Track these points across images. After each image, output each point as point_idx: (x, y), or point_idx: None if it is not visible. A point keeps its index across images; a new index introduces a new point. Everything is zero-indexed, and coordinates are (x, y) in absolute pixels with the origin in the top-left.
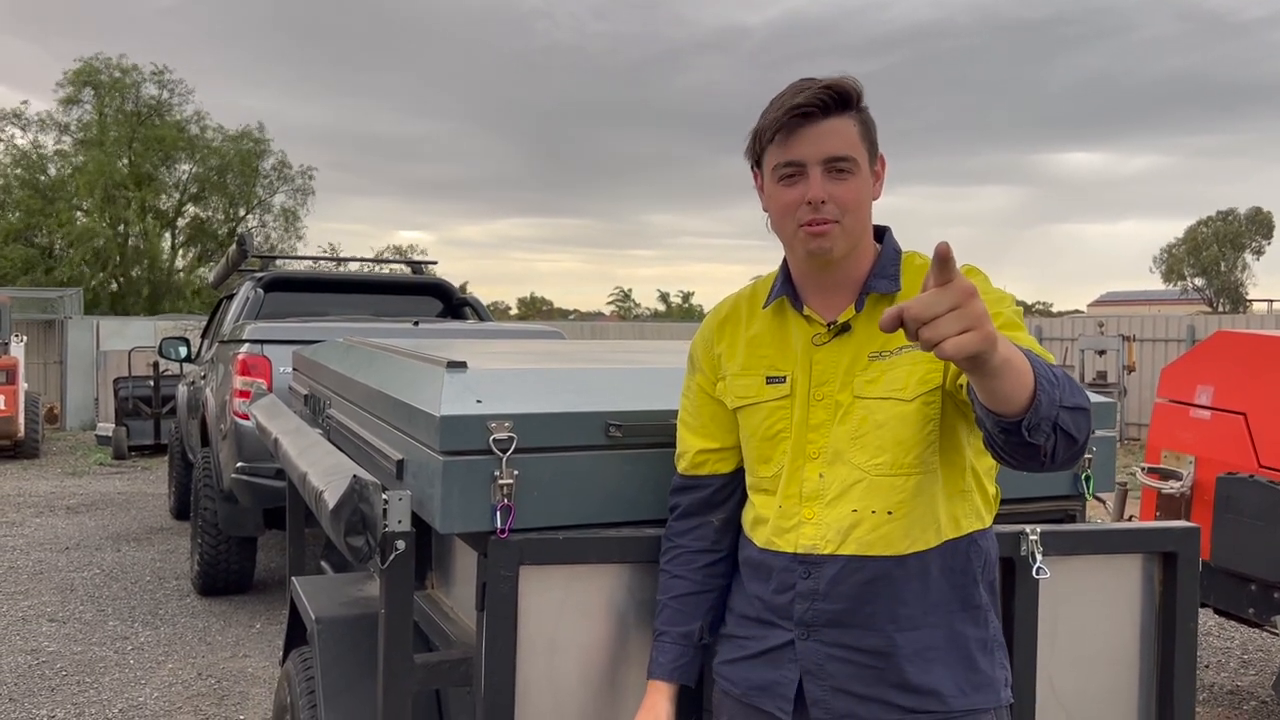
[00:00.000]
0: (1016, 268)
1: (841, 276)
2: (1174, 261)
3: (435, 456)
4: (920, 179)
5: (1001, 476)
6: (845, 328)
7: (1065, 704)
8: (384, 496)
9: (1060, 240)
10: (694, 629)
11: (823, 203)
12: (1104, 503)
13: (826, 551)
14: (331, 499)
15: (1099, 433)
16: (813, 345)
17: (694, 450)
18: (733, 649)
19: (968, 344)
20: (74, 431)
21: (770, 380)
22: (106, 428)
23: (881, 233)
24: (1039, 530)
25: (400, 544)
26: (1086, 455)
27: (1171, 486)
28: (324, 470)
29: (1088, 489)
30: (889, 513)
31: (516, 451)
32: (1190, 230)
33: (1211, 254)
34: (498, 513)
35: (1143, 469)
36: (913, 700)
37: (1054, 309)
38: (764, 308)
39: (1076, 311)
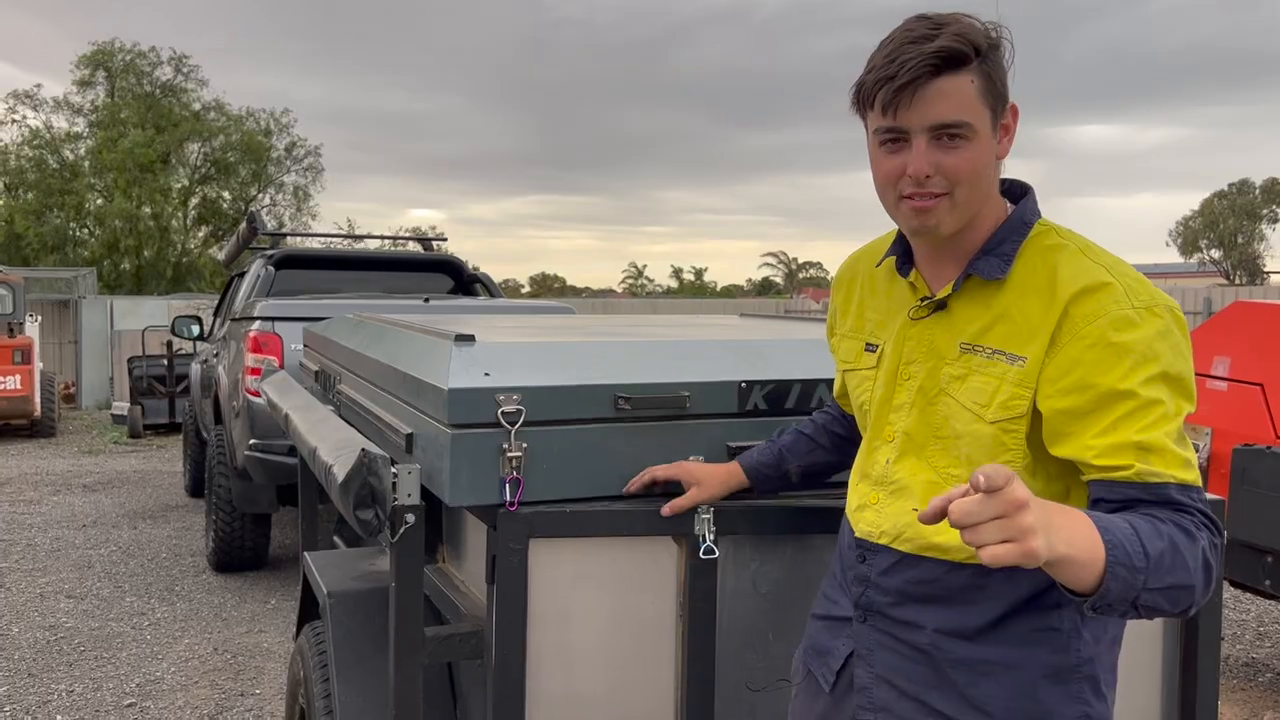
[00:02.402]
0: None
1: (954, 245)
2: (1190, 234)
3: (444, 430)
4: None
5: None
6: (941, 305)
7: None
8: (393, 470)
9: (1075, 214)
10: (790, 455)
11: (927, 177)
12: None
13: (882, 542)
14: (340, 473)
15: None
16: (909, 319)
17: (837, 382)
18: (818, 605)
19: (1004, 556)
20: (89, 411)
21: (868, 347)
22: (122, 406)
23: (1022, 192)
24: None
25: (409, 518)
26: None
27: None
28: (333, 445)
29: None
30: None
31: (525, 424)
32: (1206, 202)
33: (1228, 226)
34: (506, 486)
35: None
36: (953, 709)
37: None
38: (877, 266)
39: None
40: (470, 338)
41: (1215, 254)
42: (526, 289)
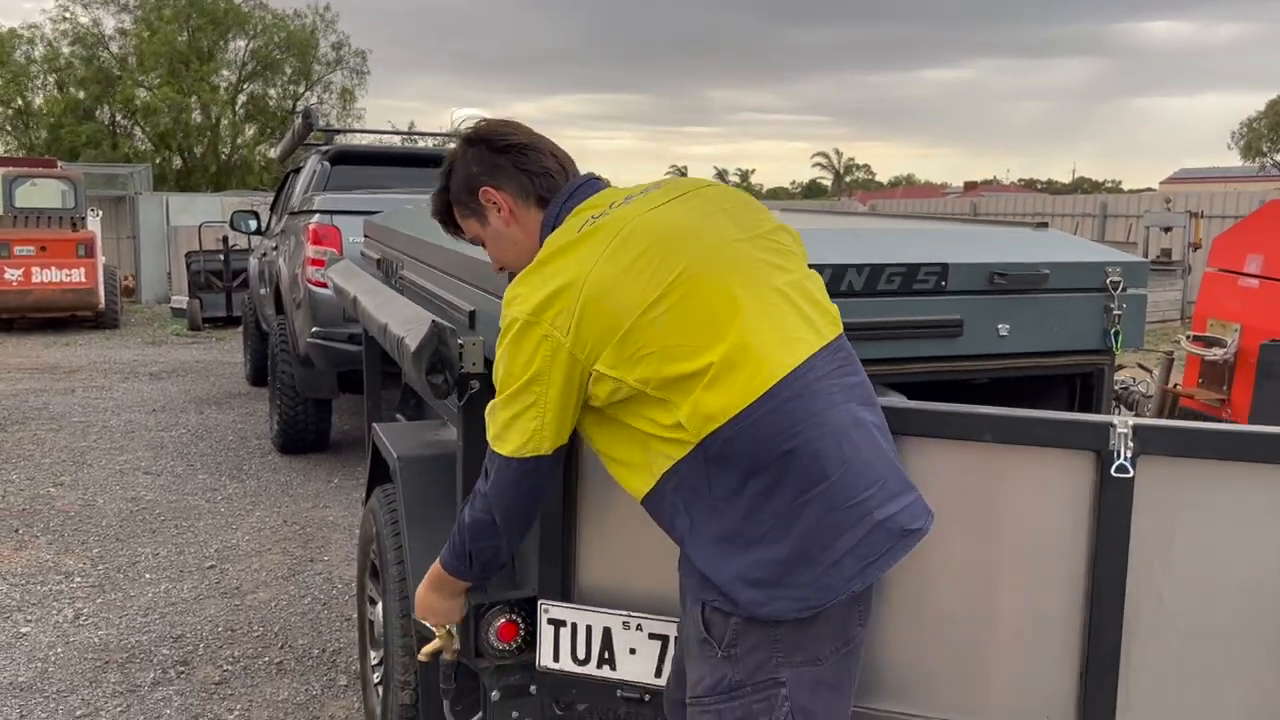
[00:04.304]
0: (1089, 143)
1: None
2: (1254, 136)
3: None
4: (990, 50)
5: (1029, 329)
6: None
7: (1178, 627)
8: (459, 341)
9: (1137, 115)
10: None
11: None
12: (1150, 372)
13: None
14: (413, 343)
15: (1130, 290)
16: None
17: None
18: None
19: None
20: (149, 304)
21: None
22: (180, 300)
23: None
24: (1130, 424)
25: (475, 384)
26: (1116, 312)
27: (1215, 353)
28: (403, 320)
29: (1116, 344)
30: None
31: None
32: (1272, 104)
33: None
34: None
35: (1188, 337)
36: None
37: (1124, 186)
38: None
39: (1148, 189)
40: None
41: (1279, 157)
42: None
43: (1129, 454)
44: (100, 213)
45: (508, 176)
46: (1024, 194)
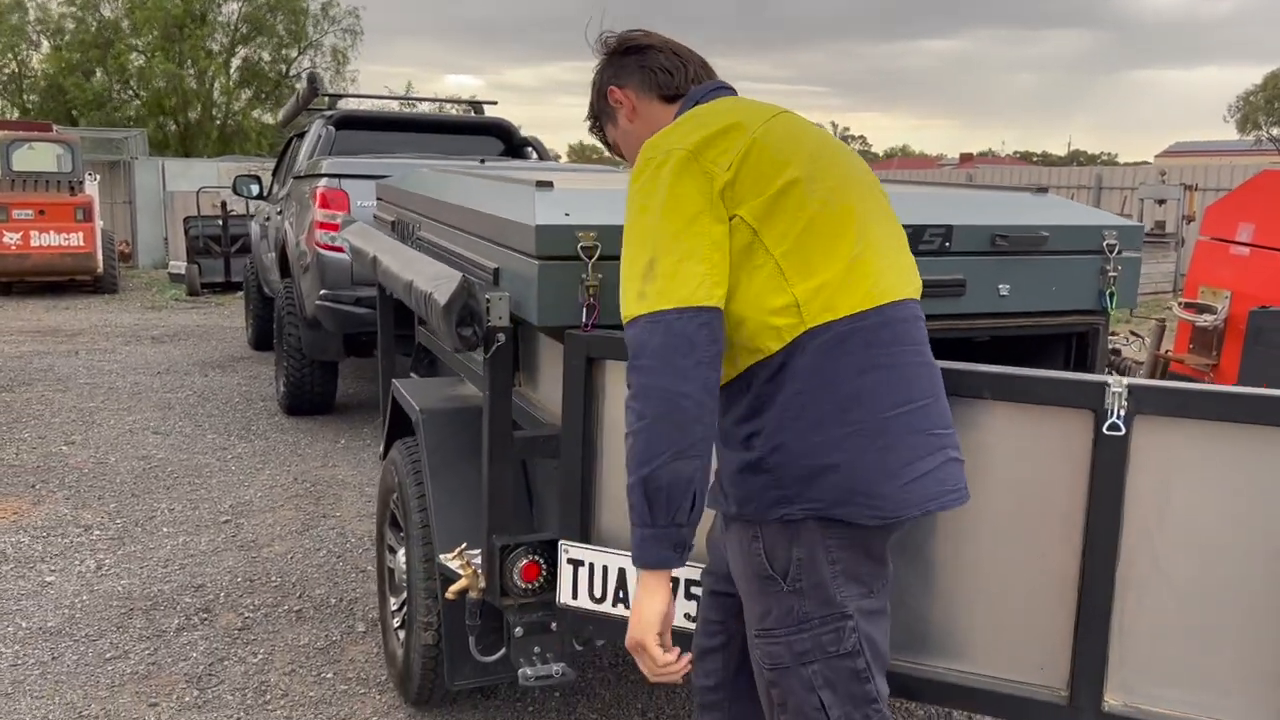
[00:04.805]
0: (1086, 116)
1: None
2: (1250, 110)
3: (531, 262)
4: (986, 21)
5: (1028, 289)
6: None
7: (1171, 584)
8: (486, 296)
9: (1134, 87)
10: None
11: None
12: (1143, 338)
13: None
14: (442, 297)
15: (1125, 253)
16: None
17: None
18: None
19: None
20: (146, 269)
21: None
22: (179, 266)
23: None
24: (1125, 383)
25: (501, 336)
26: (1111, 273)
27: (1206, 320)
28: (429, 276)
29: (1111, 304)
30: None
31: (600, 259)
32: (1270, 76)
33: None
34: (584, 310)
35: (1179, 304)
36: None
37: (1120, 159)
38: None
39: (1144, 163)
40: (550, 184)
41: (1276, 131)
42: (565, 159)
43: (1123, 413)
44: (98, 177)
45: (629, 74)
46: (1019, 166)
